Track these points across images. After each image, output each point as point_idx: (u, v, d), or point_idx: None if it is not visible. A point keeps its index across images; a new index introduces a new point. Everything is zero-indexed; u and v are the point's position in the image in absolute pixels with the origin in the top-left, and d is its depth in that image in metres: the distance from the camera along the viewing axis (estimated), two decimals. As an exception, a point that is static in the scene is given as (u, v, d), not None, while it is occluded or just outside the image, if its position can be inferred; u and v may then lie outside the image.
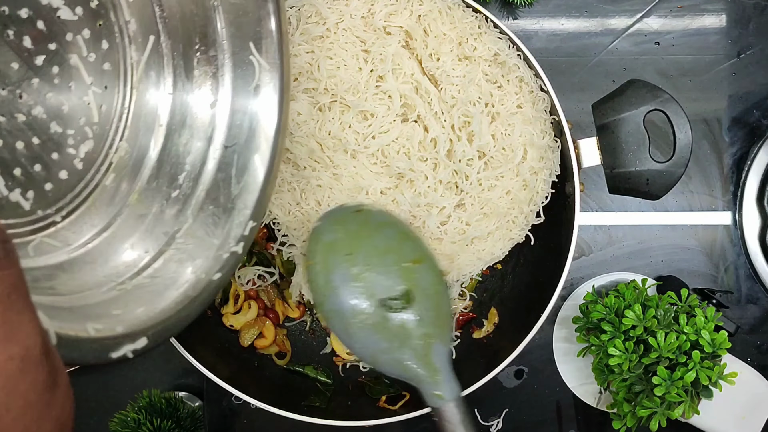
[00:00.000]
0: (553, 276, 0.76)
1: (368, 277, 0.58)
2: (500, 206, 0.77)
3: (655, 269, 0.99)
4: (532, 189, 0.78)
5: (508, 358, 0.74)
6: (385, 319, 0.58)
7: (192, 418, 0.97)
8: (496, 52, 0.76)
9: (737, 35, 1.03)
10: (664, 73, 1.02)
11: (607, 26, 1.03)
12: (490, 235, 0.78)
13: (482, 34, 0.77)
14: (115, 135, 0.61)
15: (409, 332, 0.58)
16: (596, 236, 1.00)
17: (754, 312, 0.99)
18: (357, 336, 0.58)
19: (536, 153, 0.77)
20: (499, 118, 0.76)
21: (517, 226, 0.80)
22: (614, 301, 0.82)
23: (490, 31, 0.77)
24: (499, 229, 0.79)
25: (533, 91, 0.78)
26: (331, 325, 0.60)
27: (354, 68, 0.73)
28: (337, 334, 0.60)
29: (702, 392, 0.79)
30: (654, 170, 0.71)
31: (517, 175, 0.77)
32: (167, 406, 0.95)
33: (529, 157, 0.77)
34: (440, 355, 0.58)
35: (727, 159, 1.01)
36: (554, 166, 0.79)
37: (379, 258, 0.60)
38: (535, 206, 0.80)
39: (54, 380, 0.36)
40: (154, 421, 0.91)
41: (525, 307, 0.81)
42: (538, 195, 0.80)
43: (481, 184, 0.76)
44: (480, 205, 0.76)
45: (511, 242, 0.82)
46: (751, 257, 0.99)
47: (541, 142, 0.77)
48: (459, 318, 0.88)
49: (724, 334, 0.78)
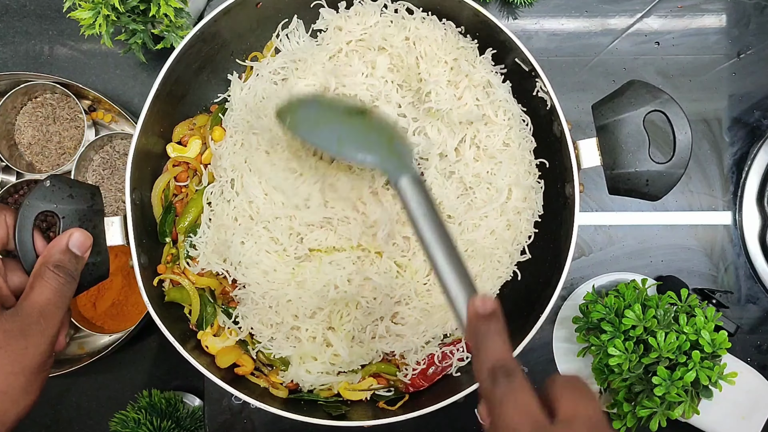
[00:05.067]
0: (553, 276, 0.76)
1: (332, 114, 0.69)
2: (485, 247, 0.77)
3: (655, 269, 0.99)
4: (515, 229, 0.79)
5: (508, 358, 0.74)
6: (350, 119, 0.68)
7: (192, 418, 0.97)
8: (489, 81, 0.77)
9: (737, 35, 1.03)
10: (664, 73, 1.02)
11: (607, 26, 1.03)
12: (478, 276, 0.79)
13: (477, 61, 0.78)
14: None
15: (372, 127, 0.68)
16: (596, 236, 1.00)
17: (754, 312, 0.99)
18: (323, 132, 0.66)
19: (521, 193, 0.78)
20: (485, 153, 0.77)
21: (503, 265, 0.81)
22: (614, 301, 0.82)
23: (485, 62, 0.79)
24: (485, 270, 0.79)
25: (521, 130, 0.79)
26: (300, 135, 0.68)
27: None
28: (305, 139, 0.68)
29: (702, 392, 0.79)
30: (654, 171, 0.70)
31: (501, 215, 0.77)
32: (167, 406, 0.95)
33: (513, 197, 0.78)
34: (399, 146, 0.66)
35: (727, 159, 1.01)
36: (537, 206, 0.80)
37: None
38: (519, 246, 0.81)
39: None
40: (154, 421, 0.91)
41: (525, 307, 0.81)
42: (522, 234, 0.80)
43: (462, 225, 0.76)
44: (464, 247, 0.77)
45: (500, 281, 0.82)
46: (751, 257, 0.99)
47: (525, 182, 0.78)
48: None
49: (724, 334, 0.78)
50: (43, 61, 1.06)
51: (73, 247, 0.63)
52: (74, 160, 1.00)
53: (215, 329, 0.79)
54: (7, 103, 1.00)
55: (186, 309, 0.80)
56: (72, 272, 0.61)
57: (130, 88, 1.06)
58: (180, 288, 0.78)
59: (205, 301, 0.79)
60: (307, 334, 0.76)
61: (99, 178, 1.04)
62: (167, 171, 0.81)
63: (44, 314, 0.56)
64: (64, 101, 1.04)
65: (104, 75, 1.06)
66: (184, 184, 0.81)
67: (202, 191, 0.79)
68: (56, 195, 0.66)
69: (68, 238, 0.63)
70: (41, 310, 0.56)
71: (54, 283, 0.58)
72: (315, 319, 0.75)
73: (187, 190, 0.81)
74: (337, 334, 0.76)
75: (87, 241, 0.65)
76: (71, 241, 0.63)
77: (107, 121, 1.06)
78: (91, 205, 0.68)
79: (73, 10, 0.82)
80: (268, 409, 0.73)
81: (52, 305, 0.57)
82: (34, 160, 1.05)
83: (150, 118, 0.75)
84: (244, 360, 0.78)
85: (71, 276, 0.60)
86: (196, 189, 0.80)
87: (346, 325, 0.76)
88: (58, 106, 1.04)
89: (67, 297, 0.59)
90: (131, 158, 0.73)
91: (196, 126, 0.83)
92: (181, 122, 0.83)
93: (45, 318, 0.56)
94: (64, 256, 0.61)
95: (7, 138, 1.04)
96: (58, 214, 0.66)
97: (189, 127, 0.83)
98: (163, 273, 0.78)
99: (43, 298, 0.57)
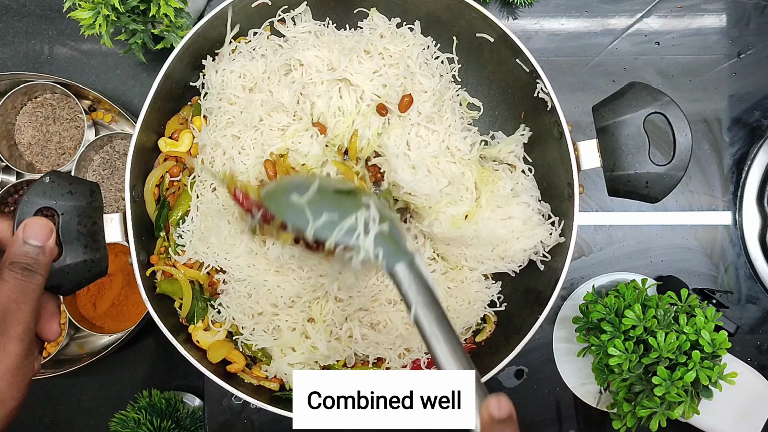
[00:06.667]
0: (553, 276, 0.76)
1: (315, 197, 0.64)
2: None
3: (655, 269, 0.99)
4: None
5: (507, 357, 0.74)
6: (340, 200, 0.64)
7: (192, 418, 0.97)
8: None
9: (737, 35, 1.03)
10: (664, 73, 1.02)
11: (607, 26, 1.03)
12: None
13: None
14: None
15: (362, 208, 0.62)
16: (596, 236, 1.00)
17: (754, 312, 0.99)
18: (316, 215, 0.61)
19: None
20: None
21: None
22: (614, 301, 0.82)
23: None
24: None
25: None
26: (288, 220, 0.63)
27: None
28: (293, 224, 0.62)
29: (702, 392, 0.79)
30: (653, 173, 0.70)
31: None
32: (167, 406, 0.95)
33: None
34: (392, 229, 0.62)
35: (727, 159, 1.01)
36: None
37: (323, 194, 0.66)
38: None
39: None
40: (154, 421, 0.91)
41: (525, 307, 0.81)
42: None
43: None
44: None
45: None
46: (751, 257, 0.99)
47: None
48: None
49: (724, 334, 0.78)
50: (43, 61, 1.06)
51: (29, 238, 0.59)
52: (74, 160, 1.00)
53: (206, 324, 0.80)
54: (7, 103, 1.00)
55: (177, 303, 0.80)
56: (33, 266, 0.57)
57: (130, 88, 1.06)
58: (171, 280, 0.79)
59: (196, 295, 0.79)
60: (287, 324, 0.78)
61: (99, 178, 1.04)
62: (159, 165, 0.81)
63: (6, 312, 0.54)
64: (64, 101, 1.04)
65: (104, 75, 1.06)
66: (177, 179, 0.82)
67: (192, 183, 0.80)
68: (56, 191, 0.66)
69: (22, 231, 0.59)
70: (3, 310, 0.54)
71: (11, 280, 0.56)
72: (294, 308, 0.77)
73: (179, 184, 0.82)
74: (316, 327, 0.77)
75: (44, 228, 0.60)
76: (25, 233, 0.59)
77: (107, 121, 1.06)
78: (90, 202, 0.68)
79: (73, 10, 0.82)
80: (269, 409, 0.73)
81: (12, 302, 0.55)
82: (34, 160, 1.05)
83: (150, 116, 0.75)
84: (236, 356, 0.79)
85: (29, 269, 0.57)
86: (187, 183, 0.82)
87: (327, 317, 0.78)
88: (58, 106, 1.04)
89: (31, 290, 0.56)
90: (131, 155, 0.73)
91: (185, 119, 0.84)
92: (172, 117, 0.84)
93: (8, 316, 0.54)
94: (20, 250, 0.58)
95: (7, 138, 1.04)
96: (57, 210, 0.66)
97: (180, 121, 0.83)
98: (156, 263, 0.79)
99: (2, 297, 0.55)
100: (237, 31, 0.81)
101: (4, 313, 0.54)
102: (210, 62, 0.81)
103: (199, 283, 0.80)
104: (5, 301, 0.54)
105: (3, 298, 0.55)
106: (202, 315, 0.79)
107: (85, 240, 0.67)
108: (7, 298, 0.55)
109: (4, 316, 0.54)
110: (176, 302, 0.80)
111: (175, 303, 0.80)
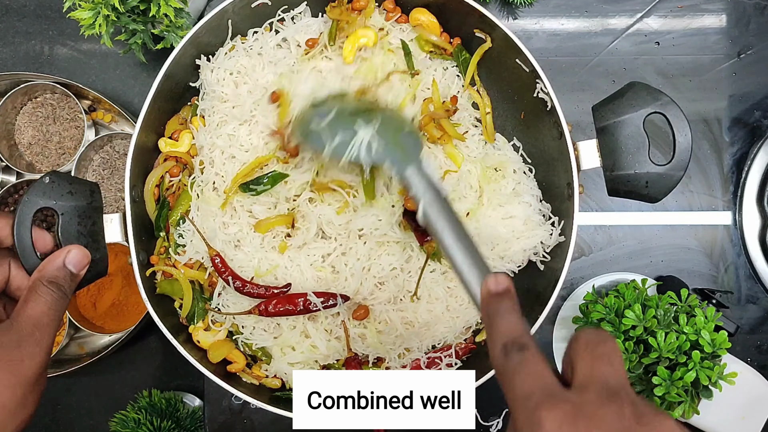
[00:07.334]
0: (553, 276, 0.76)
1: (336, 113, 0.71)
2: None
3: (655, 269, 1.00)
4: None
5: (507, 358, 0.74)
6: (356, 116, 0.70)
7: (192, 418, 0.97)
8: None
9: (737, 35, 1.03)
10: (664, 73, 1.02)
11: (607, 26, 1.03)
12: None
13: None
14: None
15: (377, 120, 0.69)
16: (596, 236, 1.00)
17: (754, 312, 0.99)
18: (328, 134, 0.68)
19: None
20: None
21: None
22: (614, 301, 0.82)
23: None
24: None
25: None
26: (305, 140, 0.71)
27: None
28: (310, 145, 0.71)
29: (702, 392, 0.79)
30: (653, 173, 0.70)
31: None
32: (167, 406, 0.95)
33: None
34: (406, 138, 0.69)
35: (727, 159, 1.01)
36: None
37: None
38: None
39: None
40: (154, 421, 0.91)
41: (525, 307, 0.81)
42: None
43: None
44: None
45: None
46: (751, 257, 0.99)
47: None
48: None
49: (724, 334, 0.78)
50: (43, 61, 1.06)
51: (70, 264, 0.63)
52: (74, 160, 1.00)
53: (206, 324, 0.80)
54: (7, 103, 1.00)
55: (177, 303, 0.80)
56: (65, 289, 0.61)
57: (130, 88, 1.06)
58: (171, 280, 0.79)
59: (196, 295, 0.79)
60: (287, 323, 0.78)
61: (99, 178, 1.04)
62: (159, 166, 0.81)
63: (38, 326, 0.57)
64: (64, 101, 1.04)
65: (104, 75, 1.06)
66: (177, 179, 0.82)
67: (192, 183, 0.80)
68: (56, 191, 0.66)
69: (65, 255, 0.63)
70: (35, 323, 0.57)
71: (48, 297, 0.59)
72: None
73: (179, 184, 0.82)
74: (316, 326, 0.78)
75: (84, 259, 0.65)
76: (68, 258, 0.63)
77: (107, 121, 1.06)
78: (90, 202, 0.68)
79: (73, 10, 0.82)
80: (269, 409, 0.73)
81: (45, 318, 0.58)
82: (34, 160, 1.05)
83: (150, 116, 0.75)
84: (236, 356, 0.79)
85: (64, 292, 0.61)
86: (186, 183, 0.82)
87: (329, 318, 0.78)
88: (58, 106, 1.04)
89: (60, 312, 0.60)
90: (131, 155, 0.73)
91: (185, 119, 0.83)
92: (172, 117, 0.83)
93: (39, 330, 0.57)
94: (60, 273, 0.62)
95: (7, 138, 1.04)
96: (57, 210, 0.66)
97: (180, 121, 0.83)
98: (156, 264, 0.79)
99: (37, 311, 0.57)
100: (236, 32, 0.81)
101: (38, 325, 0.57)
102: (204, 62, 0.81)
103: (199, 283, 0.80)
104: (39, 315, 0.57)
105: (38, 311, 0.58)
106: (203, 315, 0.79)
107: (85, 240, 0.67)
108: (41, 312, 0.58)
109: (37, 328, 0.57)
110: (176, 302, 0.80)
111: (175, 303, 0.80)
